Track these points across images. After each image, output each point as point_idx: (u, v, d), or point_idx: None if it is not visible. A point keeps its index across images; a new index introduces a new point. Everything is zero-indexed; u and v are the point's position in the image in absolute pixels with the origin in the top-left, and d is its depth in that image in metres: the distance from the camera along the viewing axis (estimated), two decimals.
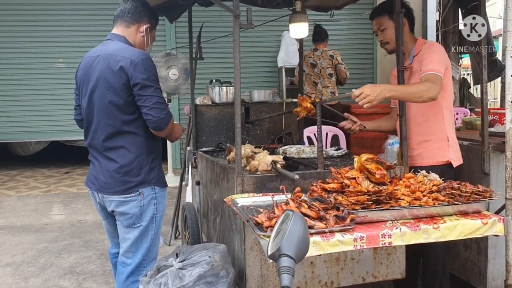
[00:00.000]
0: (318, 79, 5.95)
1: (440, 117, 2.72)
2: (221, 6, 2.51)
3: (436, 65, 2.57)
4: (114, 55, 2.34)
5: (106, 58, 2.36)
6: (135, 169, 2.41)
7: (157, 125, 2.36)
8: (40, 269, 3.94)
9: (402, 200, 2.04)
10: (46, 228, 5.02)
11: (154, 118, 2.33)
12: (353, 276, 2.47)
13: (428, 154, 2.75)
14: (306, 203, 2.01)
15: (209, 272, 2.23)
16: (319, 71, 5.93)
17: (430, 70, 2.56)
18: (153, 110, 2.32)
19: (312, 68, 5.96)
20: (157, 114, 2.33)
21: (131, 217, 2.43)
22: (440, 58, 2.63)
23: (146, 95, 2.32)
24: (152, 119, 2.33)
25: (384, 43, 2.89)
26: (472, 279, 3.09)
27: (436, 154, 2.74)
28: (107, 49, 2.41)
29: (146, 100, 2.32)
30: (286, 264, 1.00)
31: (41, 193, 6.26)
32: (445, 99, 2.71)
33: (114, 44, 2.43)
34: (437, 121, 2.73)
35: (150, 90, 2.32)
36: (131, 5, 2.51)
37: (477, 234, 2.01)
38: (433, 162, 2.71)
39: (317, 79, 5.95)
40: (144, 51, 2.46)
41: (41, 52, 7.42)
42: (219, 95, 3.96)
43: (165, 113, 2.36)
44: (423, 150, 2.76)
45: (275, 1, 3.42)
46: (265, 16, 4.28)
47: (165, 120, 2.37)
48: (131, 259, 2.48)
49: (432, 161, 2.72)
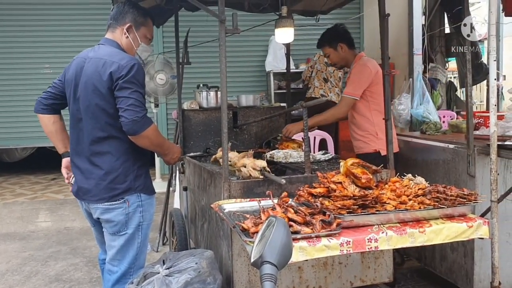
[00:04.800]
0: (330, 78, 6.32)
1: (370, 119, 3.38)
2: (206, 12, 2.51)
3: (351, 89, 3.35)
4: (104, 59, 2.32)
5: (96, 62, 2.34)
6: (120, 175, 2.37)
7: (129, 128, 2.23)
8: (25, 278, 3.88)
9: (388, 204, 2.04)
10: (32, 236, 4.95)
11: (126, 120, 2.22)
12: (341, 280, 2.47)
13: (362, 145, 3.46)
14: (292, 208, 2.01)
15: (196, 278, 2.21)
16: (332, 71, 6.27)
17: (345, 93, 3.41)
18: (127, 111, 2.22)
19: (326, 67, 6.31)
20: (130, 116, 2.21)
21: (116, 224, 2.39)
22: (358, 80, 3.33)
23: (122, 97, 2.24)
24: (124, 121, 2.22)
25: (333, 64, 3.65)
26: (459, 281, 3.10)
27: (367, 145, 3.41)
28: (98, 53, 2.39)
29: (122, 101, 2.24)
30: (268, 271, 0.98)
31: (27, 200, 6.17)
32: (375, 104, 3.33)
33: (105, 49, 2.42)
34: (367, 121, 3.39)
35: (127, 92, 2.24)
36: (115, 10, 2.50)
37: (463, 237, 2.02)
38: (365, 151, 3.41)
39: (328, 77, 6.32)
40: (134, 57, 2.42)
41: (27, 58, 7.34)
42: (207, 99, 3.95)
43: (139, 116, 2.23)
44: (358, 142, 3.48)
45: (262, 6, 3.43)
46: (252, 21, 4.28)
47: (139, 123, 2.23)
48: (117, 267, 2.45)
49: (364, 150, 3.42)
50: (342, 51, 3.45)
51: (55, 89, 2.53)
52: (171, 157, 2.59)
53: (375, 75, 3.32)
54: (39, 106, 2.53)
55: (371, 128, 3.38)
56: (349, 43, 3.47)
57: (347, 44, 3.45)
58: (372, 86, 3.33)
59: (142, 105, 2.28)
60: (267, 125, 3.91)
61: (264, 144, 3.76)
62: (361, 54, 3.48)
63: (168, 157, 2.58)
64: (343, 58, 3.49)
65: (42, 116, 2.54)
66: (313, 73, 6.42)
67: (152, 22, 2.63)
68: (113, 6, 2.54)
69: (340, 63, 3.56)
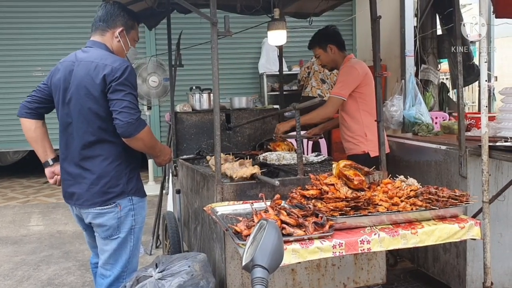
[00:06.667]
0: (327, 79, 6.36)
1: (359, 120, 3.39)
2: (198, 14, 2.50)
3: (338, 89, 3.33)
4: (95, 62, 2.29)
5: (86, 65, 2.31)
6: (113, 179, 2.35)
7: (124, 130, 2.22)
8: (17, 282, 3.84)
9: (380, 205, 2.05)
10: (24, 240, 4.91)
11: (121, 123, 2.20)
12: (334, 282, 2.47)
13: (351, 146, 3.46)
14: (285, 210, 2.00)
15: (189, 282, 2.20)
16: (329, 73, 6.30)
17: (332, 93, 3.40)
18: (121, 114, 2.21)
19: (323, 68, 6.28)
20: (125, 118, 2.20)
21: (109, 229, 2.38)
22: (345, 81, 3.33)
23: (116, 99, 2.23)
24: (119, 123, 2.21)
25: (323, 65, 3.73)
26: (452, 282, 3.11)
27: (356, 146, 3.42)
28: (88, 56, 2.35)
29: (116, 104, 2.23)
30: (259, 275, 0.98)
31: (19, 203, 6.13)
32: (365, 105, 3.36)
33: (95, 51, 2.38)
34: (357, 122, 3.40)
35: (121, 94, 2.23)
36: (102, 12, 2.46)
37: (455, 238, 2.03)
38: (355, 152, 3.41)
39: (325, 78, 6.36)
40: (125, 59, 2.40)
41: (18, 60, 7.31)
42: (200, 102, 3.94)
43: (133, 118, 2.22)
44: (348, 144, 3.49)
45: (254, 8, 3.43)
46: (245, 23, 4.29)
47: (133, 125, 2.22)
48: (110, 271, 2.43)
49: (354, 152, 3.42)
50: (332, 52, 3.47)
51: (40, 93, 2.49)
52: (163, 159, 2.58)
53: (364, 77, 3.33)
54: (23, 110, 2.48)
55: (360, 129, 3.39)
56: (339, 45, 3.49)
57: (337, 46, 3.47)
58: (361, 88, 3.34)
59: (136, 107, 2.27)
60: (260, 127, 3.91)
61: (258, 146, 3.76)
62: (350, 56, 3.50)
63: (159, 159, 2.57)
64: (333, 60, 3.51)
65: (25, 120, 2.50)
66: (310, 74, 6.44)
67: (138, 24, 2.63)
68: (99, 8, 2.50)
69: (330, 65, 3.58)
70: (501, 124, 3.12)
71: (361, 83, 3.33)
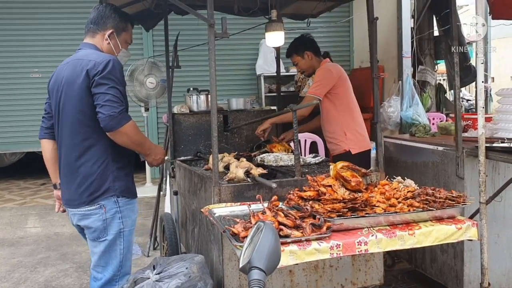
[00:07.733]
0: None
1: (338, 120, 3.52)
2: (195, 16, 2.50)
3: (314, 89, 3.46)
4: (81, 60, 2.29)
5: (73, 64, 2.31)
6: (98, 178, 2.30)
7: (106, 123, 2.17)
8: (14, 285, 3.83)
9: (378, 207, 2.05)
10: (21, 242, 4.89)
11: (103, 116, 2.16)
12: (332, 283, 2.47)
13: (333, 147, 3.61)
14: (282, 212, 2.00)
15: (187, 283, 2.20)
16: None
17: (308, 92, 3.52)
18: (104, 107, 2.16)
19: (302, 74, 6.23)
20: (107, 111, 2.15)
21: (95, 231, 2.35)
22: (320, 81, 3.46)
23: (99, 93, 2.19)
24: (101, 116, 2.17)
25: (302, 72, 3.87)
26: (449, 283, 3.12)
27: (338, 146, 3.55)
28: (75, 56, 2.37)
29: (99, 97, 2.19)
30: (256, 277, 0.98)
31: (16, 205, 6.11)
32: (342, 105, 3.52)
33: (83, 52, 2.39)
34: (336, 124, 3.54)
35: (104, 88, 2.19)
36: (94, 14, 2.45)
37: (452, 239, 2.04)
38: (337, 152, 3.54)
39: None
40: (112, 55, 2.37)
41: (15, 62, 7.28)
42: (197, 103, 3.94)
43: (116, 111, 2.17)
44: (330, 144, 3.64)
45: (251, 9, 3.44)
46: (242, 24, 4.29)
47: (116, 119, 2.17)
48: (102, 273, 2.40)
49: (336, 152, 3.55)
50: (309, 58, 3.62)
51: (48, 107, 2.51)
52: (154, 158, 2.52)
53: (339, 78, 3.49)
54: (42, 132, 2.53)
55: (340, 129, 3.52)
56: (315, 51, 3.64)
57: (313, 52, 3.63)
58: (336, 89, 3.49)
59: (120, 101, 2.22)
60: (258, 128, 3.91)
61: (255, 147, 3.76)
62: (325, 60, 3.66)
63: (150, 158, 2.51)
64: (311, 65, 3.66)
65: (44, 141, 2.53)
66: None
67: (132, 26, 2.60)
68: (92, 10, 2.50)
69: (308, 70, 3.73)
70: (498, 125, 3.13)
71: (336, 84, 3.48)
